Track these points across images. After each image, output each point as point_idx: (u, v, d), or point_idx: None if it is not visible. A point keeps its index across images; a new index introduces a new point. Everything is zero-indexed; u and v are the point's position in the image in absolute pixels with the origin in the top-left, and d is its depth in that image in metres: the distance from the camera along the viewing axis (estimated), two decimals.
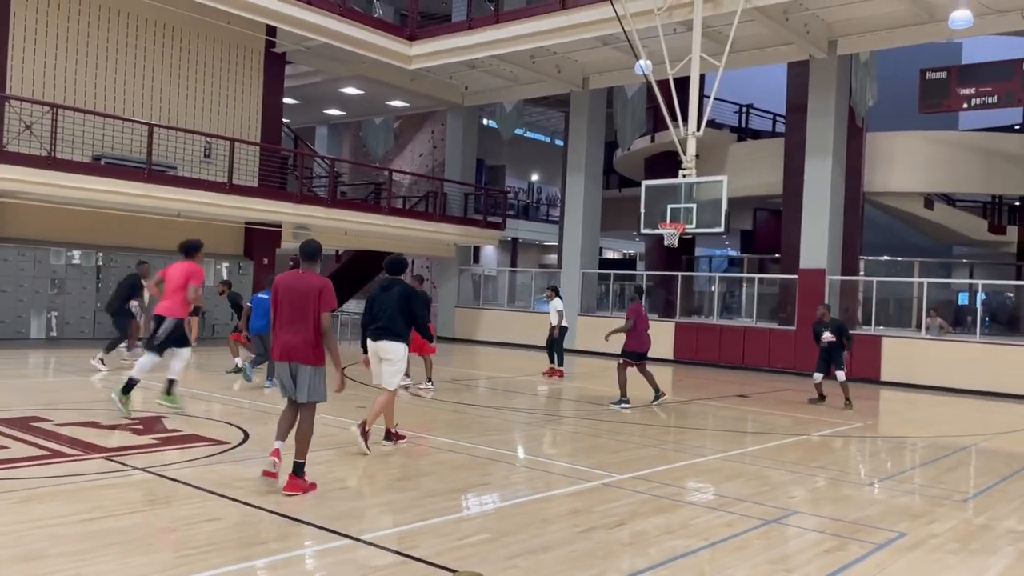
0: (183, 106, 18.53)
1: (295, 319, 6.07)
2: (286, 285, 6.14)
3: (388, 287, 7.81)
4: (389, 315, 7.65)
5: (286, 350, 6.10)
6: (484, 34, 18.86)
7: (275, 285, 6.23)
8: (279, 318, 6.14)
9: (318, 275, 6.19)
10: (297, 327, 6.06)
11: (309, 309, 6.04)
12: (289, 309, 6.10)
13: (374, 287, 8.24)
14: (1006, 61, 15.80)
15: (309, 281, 6.10)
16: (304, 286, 6.08)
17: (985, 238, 22.63)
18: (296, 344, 6.06)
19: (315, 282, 6.09)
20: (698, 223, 14.05)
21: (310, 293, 6.05)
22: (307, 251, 6.23)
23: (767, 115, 25.98)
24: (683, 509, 6.21)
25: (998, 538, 5.76)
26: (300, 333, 6.06)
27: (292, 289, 6.11)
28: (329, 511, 5.64)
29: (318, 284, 6.07)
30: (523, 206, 37.67)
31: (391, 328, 7.65)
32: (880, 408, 14.07)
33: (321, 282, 6.10)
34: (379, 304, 7.75)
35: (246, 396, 10.99)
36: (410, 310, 7.73)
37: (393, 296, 7.70)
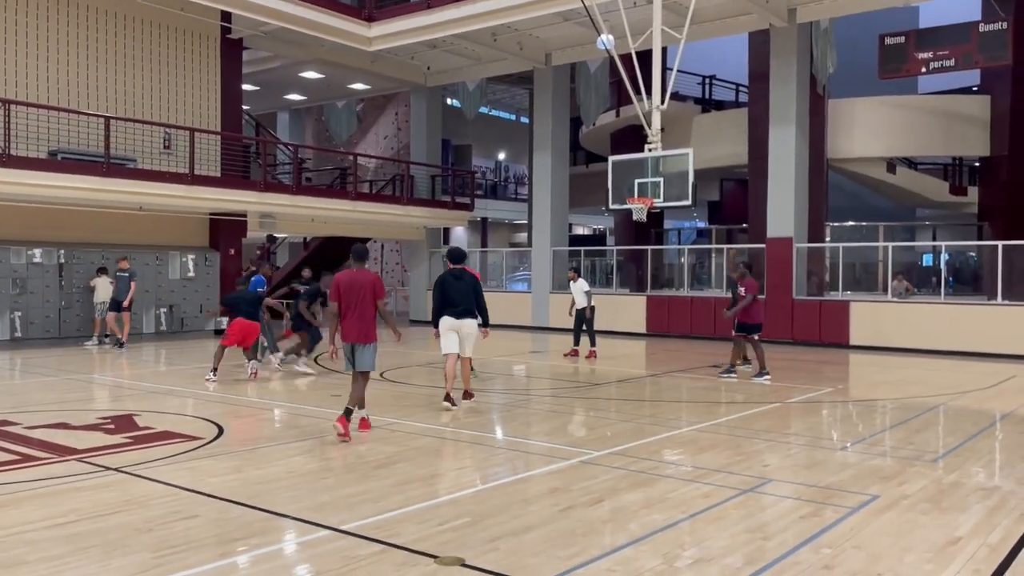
0: (140, 97, 18.15)
1: (355, 308, 7.74)
2: (346, 283, 7.78)
3: (459, 276, 9.55)
4: (466, 298, 9.44)
5: (352, 333, 7.75)
6: (444, 13, 18.64)
7: (336, 282, 7.80)
8: (343, 308, 7.77)
9: (369, 271, 7.94)
10: (357, 314, 7.73)
11: (365, 299, 7.72)
12: (350, 300, 7.74)
13: (445, 275, 9.65)
14: (962, 24, 15.95)
15: (363, 277, 7.80)
16: (360, 282, 7.77)
17: (947, 200, 22.97)
18: (357, 329, 7.74)
19: (367, 278, 7.81)
20: (666, 196, 14.08)
21: (364, 287, 7.74)
22: (358, 253, 8.08)
23: (730, 85, 26.06)
24: (661, 482, 6.27)
25: (967, 495, 5.90)
26: (359, 320, 7.73)
27: (351, 285, 7.76)
28: (308, 503, 5.63)
29: (369, 280, 7.81)
30: (491, 185, 37.55)
31: (470, 309, 9.46)
32: (850, 372, 14.30)
33: (372, 277, 7.85)
34: (455, 289, 9.45)
35: (220, 390, 10.89)
36: (478, 294, 9.58)
37: (468, 283, 9.50)
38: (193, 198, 17.27)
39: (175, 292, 18.97)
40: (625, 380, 12.67)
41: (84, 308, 17.17)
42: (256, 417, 9.33)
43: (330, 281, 10.41)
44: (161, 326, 18.76)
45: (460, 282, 9.50)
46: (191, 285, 19.10)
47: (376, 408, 9.40)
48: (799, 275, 18.13)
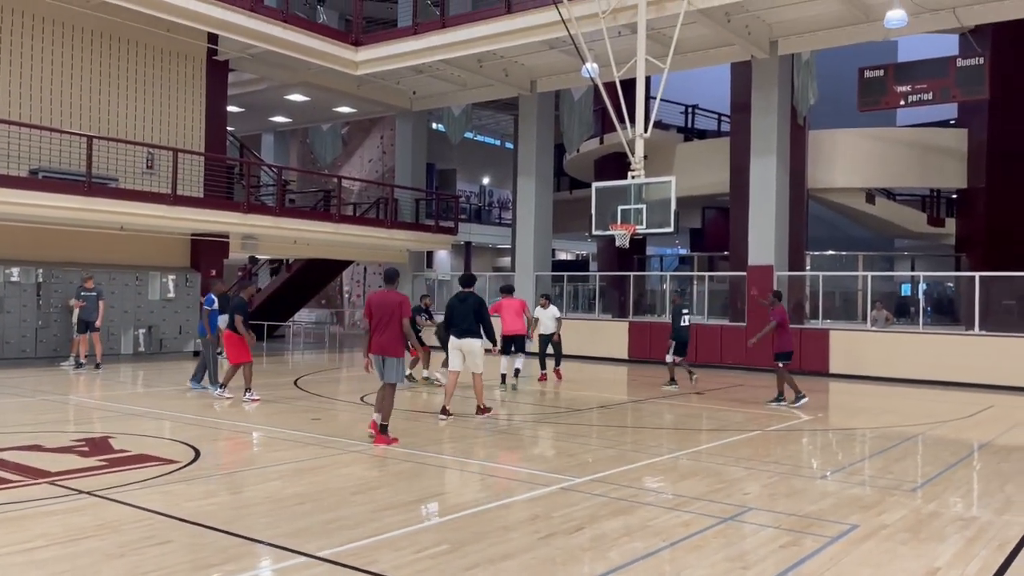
0: (124, 117, 18.10)
1: (384, 325, 8.45)
2: (377, 301, 8.54)
3: (464, 299, 10.45)
4: (467, 319, 10.31)
5: (379, 347, 8.48)
6: (430, 39, 18.78)
7: (368, 301, 8.60)
8: (374, 324, 8.49)
9: (398, 292, 8.67)
10: (386, 330, 8.44)
11: (393, 318, 8.44)
12: (380, 318, 8.46)
13: (452, 298, 10.61)
14: (940, 59, 16.25)
15: (392, 297, 8.53)
16: (389, 301, 8.49)
17: (925, 230, 23.27)
18: (385, 343, 8.45)
19: (396, 298, 8.53)
20: (648, 223, 14.20)
21: (393, 306, 8.46)
22: (389, 276, 8.85)
23: (712, 115, 26.36)
24: (642, 510, 6.24)
25: (946, 526, 5.92)
26: (387, 334, 8.44)
27: (381, 304, 8.51)
28: (285, 528, 5.55)
29: (398, 299, 8.52)
30: (475, 209, 37.65)
31: (471, 328, 10.32)
32: (829, 400, 14.36)
33: (400, 298, 8.55)
34: (458, 311, 10.39)
35: (198, 412, 10.77)
36: (480, 315, 10.43)
37: (470, 305, 10.39)
38: (175, 218, 17.17)
39: (154, 313, 18.80)
40: (607, 406, 12.65)
41: (61, 328, 16.97)
42: (233, 440, 9.22)
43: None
44: (140, 347, 18.56)
45: (464, 304, 10.42)
46: (171, 306, 18.94)
47: (354, 433, 9.33)
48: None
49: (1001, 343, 15.54)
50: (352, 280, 33.19)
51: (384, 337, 8.46)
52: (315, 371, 16.82)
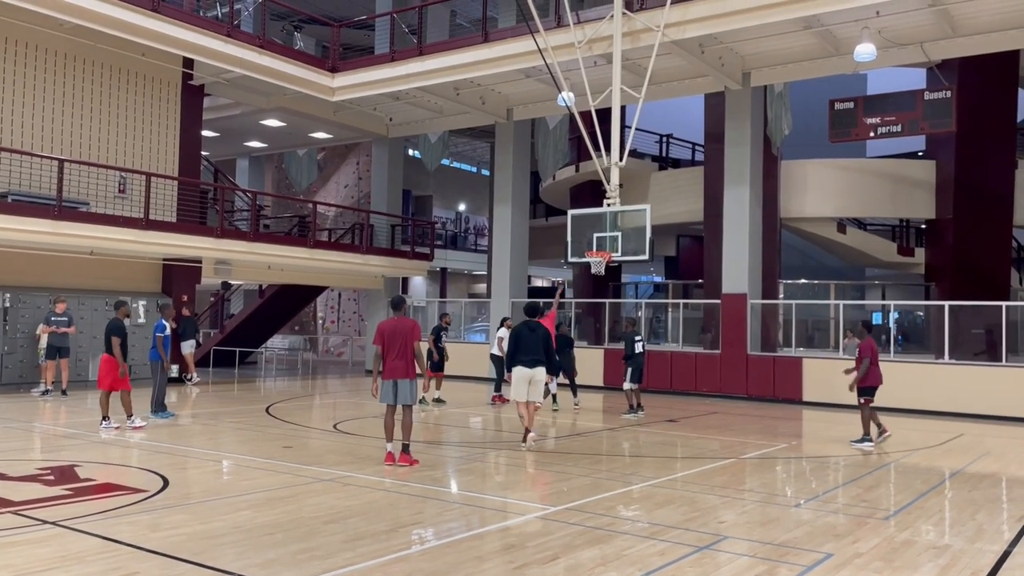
0: (96, 140, 17.93)
1: (397, 350, 8.85)
2: (390, 328, 8.93)
3: (534, 328, 10.61)
4: (537, 349, 10.49)
5: (393, 371, 8.87)
6: (407, 66, 18.87)
7: (381, 328, 8.98)
8: (388, 350, 8.87)
9: (409, 318, 9.15)
10: (399, 355, 8.85)
11: (407, 343, 8.86)
12: (394, 344, 8.85)
13: (521, 327, 10.68)
14: (908, 92, 16.58)
15: (405, 324, 8.97)
16: (403, 328, 8.92)
17: (895, 260, 23.59)
18: (400, 367, 8.86)
19: (408, 324, 8.98)
20: (623, 251, 14.29)
21: (407, 332, 8.89)
22: (396, 303, 9.27)
23: (687, 144, 26.69)
24: (617, 539, 6.20)
25: (919, 554, 5.93)
26: (401, 359, 8.86)
27: (394, 330, 8.90)
28: (255, 559, 5.44)
29: (411, 325, 8.99)
30: (451, 236, 37.67)
31: (540, 359, 10.50)
32: (803, 428, 14.43)
33: (412, 323, 9.03)
34: (529, 341, 10.52)
35: (167, 440, 10.57)
36: (548, 346, 10.65)
37: (540, 336, 10.56)
38: (146, 243, 16.95)
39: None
40: (582, 433, 12.61)
41: (28, 354, 16.64)
42: (202, 469, 9.05)
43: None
44: None
45: (534, 334, 10.56)
46: (141, 332, 18.62)
47: (326, 460, 9.22)
48: (753, 331, 18.37)
49: (970, 372, 15.74)
50: (327, 306, 32.97)
51: (400, 362, 8.86)
52: (288, 398, 16.62)
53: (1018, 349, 16.43)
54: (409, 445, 9.06)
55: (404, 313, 9.19)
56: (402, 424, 9.05)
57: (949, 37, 15.67)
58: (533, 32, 15.76)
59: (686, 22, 15.18)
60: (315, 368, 25.79)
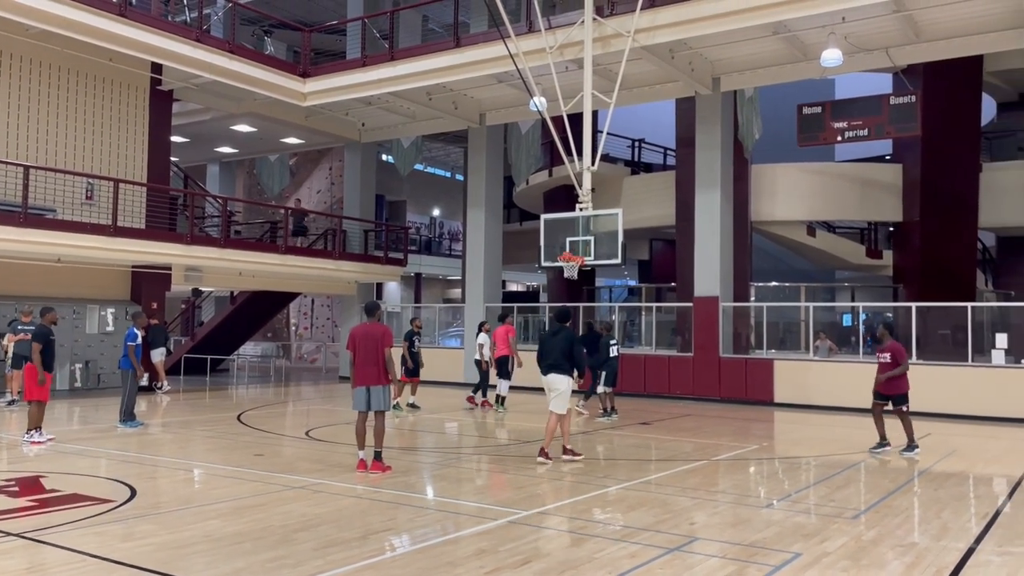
0: (63, 146, 17.69)
1: (369, 356, 8.71)
2: (361, 334, 8.78)
3: (556, 332, 9.97)
4: (554, 353, 9.75)
5: (364, 377, 8.75)
6: (379, 71, 18.82)
7: (352, 334, 8.84)
8: (358, 356, 8.74)
9: (381, 324, 8.97)
10: (370, 361, 8.70)
11: (377, 349, 8.71)
12: (364, 349, 8.72)
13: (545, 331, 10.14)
14: (874, 96, 16.83)
15: (376, 330, 8.80)
16: (374, 334, 8.76)
17: (864, 262, 23.90)
18: (371, 373, 8.72)
19: (379, 330, 8.81)
20: (596, 255, 14.34)
21: (378, 338, 8.73)
22: (369, 309, 9.14)
23: (659, 149, 26.86)
24: (588, 542, 6.22)
25: (886, 552, 6.01)
26: (372, 366, 8.71)
27: (365, 336, 8.76)
28: (224, 568, 5.39)
29: (381, 331, 8.81)
30: (425, 241, 37.60)
31: (557, 363, 9.71)
32: (775, 429, 14.56)
33: (383, 329, 8.84)
34: (547, 345, 9.91)
35: (135, 449, 10.44)
36: (570, 348, 9.82)
37: (560, 339, 9.84)
38: (115, 250, 16.75)
39: (92, 347, 18.26)
40: (557, 437, 12.61)
41: None
42: (171, 478, 8.95)
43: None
44: (76, 383, 17.99)
45: (555, 338, 9.93)
46: (109, 340, 18.41)
47: (298, 467, 9.16)
48: (725, 333, 18.52)
49: (936, 371, 15.98)
50: (299, 312, 32.75)
51: (371, 369, 8.73)
52: (260, 406, 16.48)
53: (984, 349, 16.67)
54: (381, 452, 8.94)
55: (377, 319, 9.07)
56: (374, 431, 8.92)
57: (913, 42, 15.94)
58: (504, 37, 15.79)
59: (656, 28, 15.30)
60: (288, 375, 25.60)
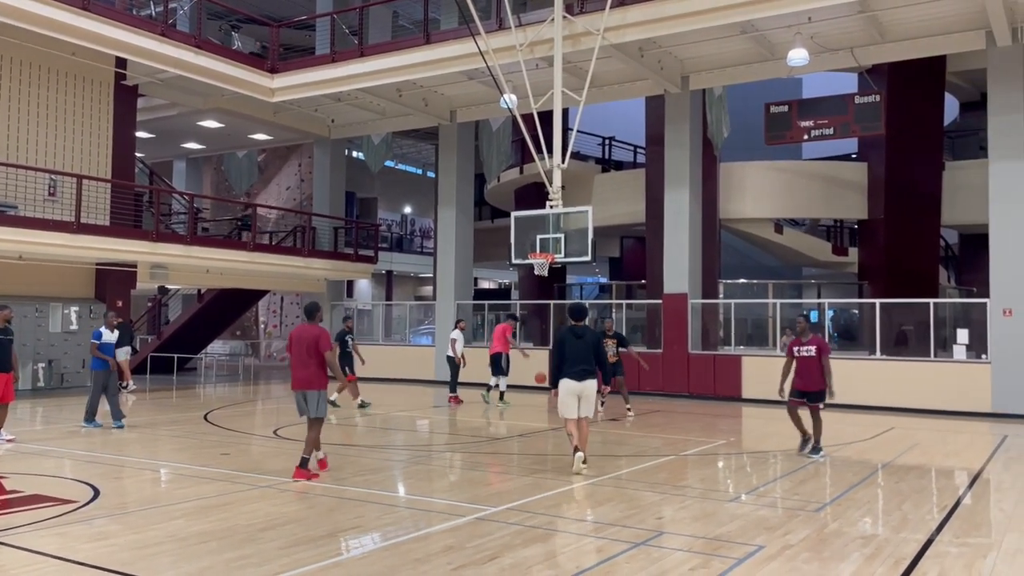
0: (24, 141, 17.37)
1: (305, 359, 8.32)
2: (297, 335, 8.43)
3: (581, 334, 8.98)
4: (587, 358, 8.89)
5: (301, 382, 8.37)
6: (348, 67, 18.71)
7: (290, 336, 8.52)
8: (294, 359, 8.41)
9: (317, 326, 8.52)
10: (307, 364, 8.32)
11: (314, 351, 8.31)
12: (300, 352, 8.35)
13: (565, 332, 9.08)
14: (840, 96, 17.05)
15: (310, 332, 8.39)
16: (307, 336, 8.36)
17: (830, 259, 24.22)
18: (307, 377, 8.34)
19: (314, 332, 8.39)
20: (567, 252, 14.41)
21: (311, 340, 8.33)
22: (309, 310, 8.65)
23: (629, 147, 26.98)
24: (556, 537, 6.25)
25: (847, 544, 6.11)
26: (309, 368, 8.33)
27: (301, 338, 8.38)
28: (187, 568, 5.34)
29: (316, 333, 8.38)
30: (397, 238, 37.46)
31: (591, 370, 8.94)
32: (743, 425, 14.72)
33: (318, 331, 8.40)
34: (575, 349, 8.86)
35: (100, 449, 10.29)
36: (600, 352, 9.08)
37: (589, 342, 8.94)
38: (78, 247, 16.49)
39: (55, 346, 17.97)
40: (527, 434, 12.67)
41: None
42: (136, 478, 8.85)
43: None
44: (39, 382, 17.69)
45: (581, 341, 8.89)
46: (73, 339, 18.12)
47: (265, 466, 9.10)
48: (694, 330, 18.68)
49: (900, 366, 16.26)
50: (268, 310, 32.46)
51: (305, 372, 8.36)
52: (227, 404, 16.32)
53: (946, 344, 16.98)
54: (308, 459, 8.39)
55: (317, 321, 8.58)
56: (306, 437, 8.46)
57: (878, 43, 16.18)
58: (474, 34, 15.78)
59: (625, 26, 15.37)
60: (257, 373, 25.37)
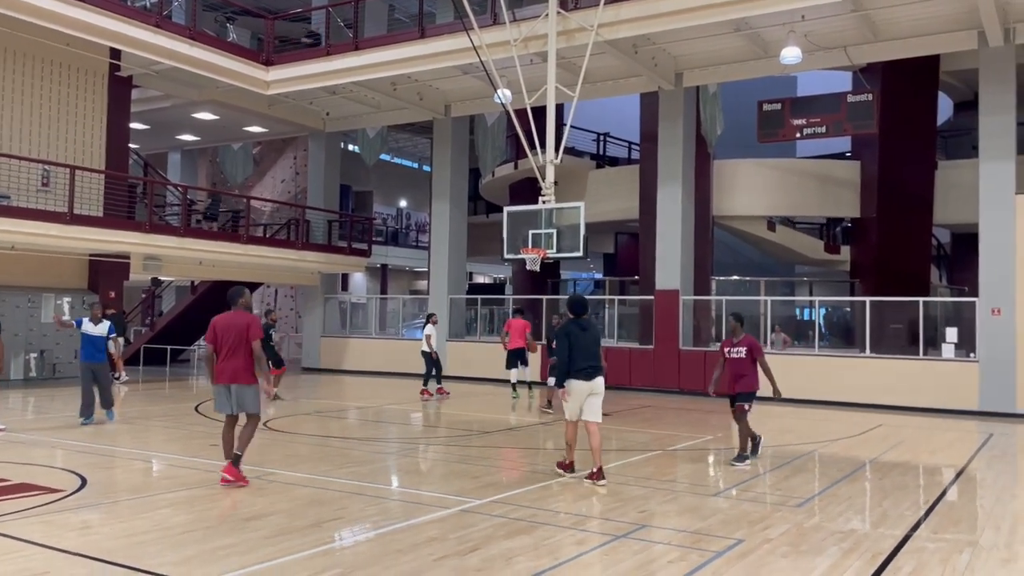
0: (18, 132, 17.35)
1: (232, 351, 7.61)
2: (223, 324, 7.68)
3: (586, 327, 8.33)
4: (595, 353, 8.18)
5: (229, 375, 7.61)
6: (343, 60, 18.71)
7: (213, 324, 7.70)
8: (220, 350, 7.64)
9: (246, 313, 7.83)
10: (234, 357, 7.61)
11: (241, 341, 7.61)
12: (227, 342, 7.62)
13: (571, 327, 8.21)
14: (833, 94, 17.12)
15: (239, 320, 7.70)
16: (236, 324, 7.66)
17: (822, 257, 24.31)
18: (235, 369, 7.61)
19: (243, 320, 7.71)
20: (558, 248, 14.44)
21: (241, 329, 7.63)
22: (231, 296, 7.91)
23: (623, 143, 27.03)
24: (538, 530, 6.31)
25: (825, 539, 6.18)
26: (236, 361, 7.61)
27: (227, 327, 7.66)
28: (172, 556, 5.39)
29: (246, 321, 7.71)
30: (392, 232, 37.47)
31: (599, 366, 8.22)
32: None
33: (248, 319, 7.73)
34: (584, 344, 8.08)
35: (89, 440, 10.34)
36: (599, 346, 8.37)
37: (593, 336, 8.29)
38: (71, 238, 16.49)
39: (48, 336, 17.99)
40: (517, 428, 12.74)
41: None
42: (125, 468, 8.90)
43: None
44: (31, 372, 17.72)
45: (587, 334, 8.23)
46: (65, 330, 18.11)
47: (256, 458, 9.13)
48: (685, 326, 18.75)
49: (888, 364, 16.35)
50: (262, 303, 32.46)
51: (233, 364, 7.60)
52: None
53: (936, 343, 17.08)
54: (241, 457, 7.67)
55: (243, 307, 7.84)
56: (240, 435, 7.73)
57: (871, 42, 16.22)
58: (468, 29, 15.79)
59: (619, 22, 15.40)
60: None
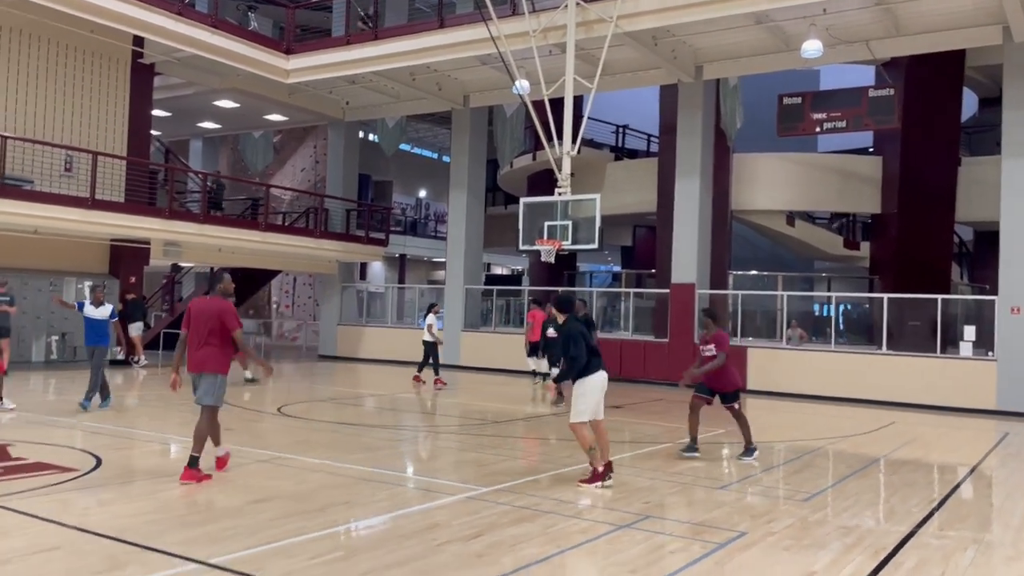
0: (41, 118, 17.58)
1: (203, 338, 7.28)
2: (197, 309, 7.38)
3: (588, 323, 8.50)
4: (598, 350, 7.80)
5: (196, 363, 7.30)
6: (363, 50, 18.78)
7: (189, 308, 7.43)
8: (191, 336, 7.34)
9: (223, 300, 7.45)
10: (204, 344, 7.28)
11: (213, 328, 7.27)
12: (198, 330, 7.30)
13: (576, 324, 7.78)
14: (854, 88, 16.95)
15: (213, 306, 7.34)
16: (210, 310, 7.32)
17: (841, 253, 24.11)
18: (203, 358, 7.28)
19: (216, 306, 7.34)
20: (573, 240, 14.48)
21: (213, 315, 7.28)
22: (211, 280, 7.87)
23: (642, 135, 26.91)
24: (542, 518, 6.35)
25: (828, 533, 6.18)
26: (207, 348, 7.28)
27: (200, 313, 7.34)
28: (178, 536, 5.49)
29: (219, 307, 7.33)
30: (411, 222, 37.61)
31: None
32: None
33: (222, 305, 7.36)
34: (592, 340, 7.83)
35: (107, 421, 10.51)
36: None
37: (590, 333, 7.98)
38: (93, 223, 16.72)
39: (69, 320, 18.22)
40: (527, 418, 12.79)
41: None
42: (139, 449, 9.05)
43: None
44: (52, 355, 17.99)
45: (591, 331, 8.21)
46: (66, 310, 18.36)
47: (266, 442, 9.25)
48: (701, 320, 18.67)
49: (905, 362, 16.21)
50: (281, 290, 32.73)
51: (202, 352, 7.24)
52: (237, 383, 16.49)
53: (955, 341, 16.91)
54: (199, 457, 7.19)
55: (221, 293, 7.45)
56: (196, 429, 7.25)
57: (894, 36, 16.04)
58: (487, 20, 15.79)
59: (639, 14, 15.33)
60: (269, 352, 25.60)
